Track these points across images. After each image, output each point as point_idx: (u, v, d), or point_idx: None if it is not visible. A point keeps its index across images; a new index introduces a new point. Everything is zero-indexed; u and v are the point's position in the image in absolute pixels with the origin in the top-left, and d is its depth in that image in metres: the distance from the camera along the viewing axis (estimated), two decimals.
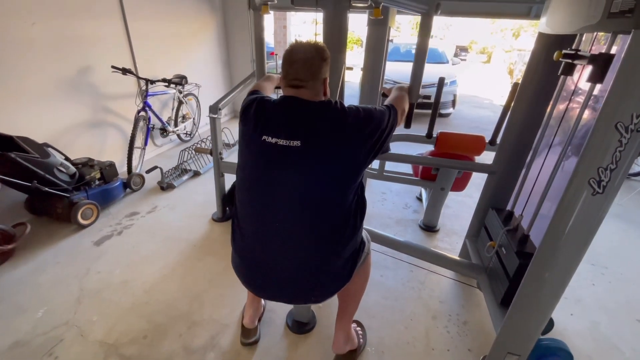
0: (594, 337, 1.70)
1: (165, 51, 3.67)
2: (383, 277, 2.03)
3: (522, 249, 1.40)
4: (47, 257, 2.08)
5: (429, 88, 5.84)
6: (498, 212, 1.71)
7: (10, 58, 2.24)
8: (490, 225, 1.73)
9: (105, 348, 1.53)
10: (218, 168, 2.42)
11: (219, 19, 4.51)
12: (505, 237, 1.50)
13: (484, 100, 8.19)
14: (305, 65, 1.02)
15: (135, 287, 1.88)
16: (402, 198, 3.02)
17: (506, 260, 1.46)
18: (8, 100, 2.27)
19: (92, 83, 2.86)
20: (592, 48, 1.31)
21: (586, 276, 2.11)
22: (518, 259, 1.35)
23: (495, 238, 1.62)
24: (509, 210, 1.71)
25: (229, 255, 2.14)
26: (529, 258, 1.17)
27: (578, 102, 1.34)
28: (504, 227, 1.54)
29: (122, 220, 2.50)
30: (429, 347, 1.60)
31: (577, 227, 1.01)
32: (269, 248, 1.06)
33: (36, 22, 2.35)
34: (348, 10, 1.34)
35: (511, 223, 1.57)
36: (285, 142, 0.97)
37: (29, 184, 2.05)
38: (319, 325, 1.68)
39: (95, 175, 2.52)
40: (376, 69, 2.40)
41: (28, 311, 1.70)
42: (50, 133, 2.56)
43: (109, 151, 3.12)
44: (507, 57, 16.55)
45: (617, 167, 0.89)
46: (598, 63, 1.01)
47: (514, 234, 1.51)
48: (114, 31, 3.00)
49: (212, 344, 1.57)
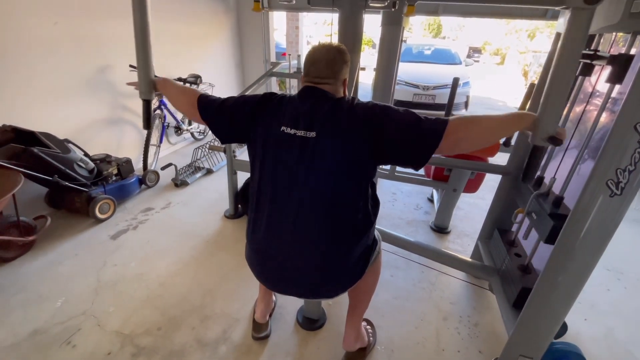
0: (608, 342, 1.67)
1: (181, 51, 3.74)
2: (394, 277, 2.03)
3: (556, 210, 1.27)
4: (65, 249, 2.15)
5: (440, 89, 5.80)
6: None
7: (33, 56, 2.32)
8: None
9: (121, 338, 1.57)
10: (231, 166, 2.46)
11: (233, 20, 4.57)
12: (535, 202, 1.41)
13: (498, 102, 8.09)
14: (327, 66, 1.05)
15: (150, 280, 1.93)
16: (413, 199, 3.01)
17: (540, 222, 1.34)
18: (31, 97, 2.35)
19: (111, 81, 2.93)
20: (611, 49, 1.29)
21: (601, 281, 2.08)
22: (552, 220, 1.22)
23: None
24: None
25: (241, 251, 2.18)
26: (562, 220, 1.08)
27: (596, 104, 1.33)
28: (533, 192, 1.43)
29: (138, 215, 2.56)
30: (439, 347, 1.59)
31: (594, 230, 1.00)
32: (282, 242, 1.08)
33: (58, 21, 2.43)
34: (364, 10, 1.36)
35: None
36: (303, 132, 0.99)
37: (50, 178, 2.12)
38: (329, 322, 1.70)
39: (113, 171, 2.59)
40: (389, 69, 2.40)
41: (47, 301, 1.76)
42: (71, 129, 2.64)
43: (125, 148, 3.20)
44: (521, 59, 16.28)
45: (636, 168, 0.88)
46: (618, 63, 1.00)
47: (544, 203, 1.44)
48: (133, 31, 3.07)
49: (224, 337, 1.60)
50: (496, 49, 24.46)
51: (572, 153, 1.40)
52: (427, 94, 5.81)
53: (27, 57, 2.28)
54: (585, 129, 1.34)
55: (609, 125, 1.16)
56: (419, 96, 5.85)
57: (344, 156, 0.99)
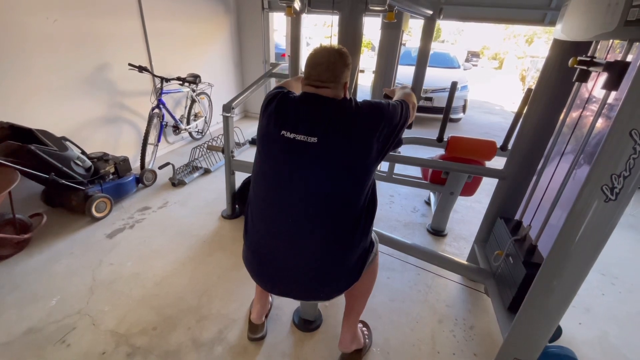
0: (602, 346, 1.68)
1: (180, 50, 3.73)
2: (390, 279, 2.04)
3: (529, 259, 1.39)
4: (61, 248, 2.14)
5: (439, 93, 5.83)
6: (506, 222, 1.70)
7: (32, 53, 2.31)
8: (498, 235, 1.72)
9: (116, 338, 1.56)
10: (229, 166, 2.46)
11: (232, 20, 4.57)
12: (512, 247, 1.50)
13: (495, 107, 8.13)
14: (328, 69, 1.05)
15: (146, 279, 1.92)
16: (410, 201, 3.02)
17: (513, 270, 1.45)
18: (29, 94, 2.34)
19: (109, 80, 2.92)
20: (608, 55, 1.31)
21: (596, 285, 2.09)
22: (525, 269, 1.35)
23: (502, 247, 1.62)
24: (517, 220, 1.71)
25: (237, 251, 2.18)
26: (536, 268, 1.17)
27: (592, 110, 1.34)
28: (511, 237, 1.54)
29: (134, 215, 2.55)
30: (434, 350, 1.60)
31: (588, 234, 1.01)
32: (280, 243, 1.08)
33: (57, 19, 2.43)
34: (364, 13, 1.37)
35: (519, 233, 1.57)
36: (303, 137, 1.00)
37: (47, 176, 2.11)
38: (325, 324, 1.70)
39: (110, 170, 2.58)
40: (388, 72, 2.42)
41: (42, 299, 1.74)
42: (68, 127, 2.63)
43: (123, 146, 3.19)
44: (519, 64, 16.39)
45: (631, 174, 0.89)
46: (614, 70, 1.01)
47: (522, 244, 1.50)
48: (132, 30, 3.07)
49: (220, 338, 1.59)
50: (494, 54, 24.62)
51: (568, 158, 1.42)
52: (425, 97, 5.84)
53: (25, 54, 2.27)
54: (581, 135, 1.35)
55: (604, 131, 1.18)
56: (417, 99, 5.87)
57: (347, 160, 1.00)
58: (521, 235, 1.54)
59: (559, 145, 1.53)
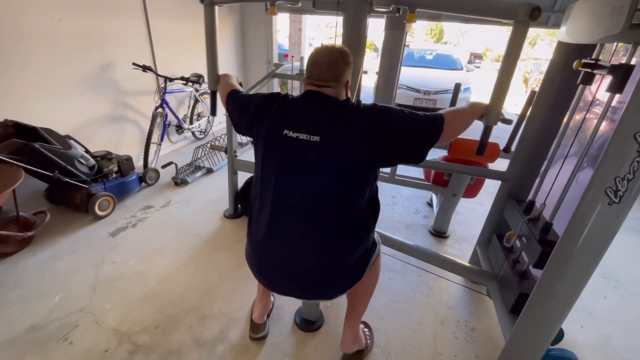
0: (604, 350, 1.68)
1: (184, 50, 3.74)
2: (392, 280, 2.04)
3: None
4: (64, 246, 2.15)
5: (441, 94, 5.83)
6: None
7: (38, 52, 2.33)
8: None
9: (119, 335, 1.57)
10: (232, 166, 2.47)
11: (236, 20, 4.58)
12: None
13: None
14: (329, 68, 1.05)
15: (148, 278, 1.93)
16: (412, 203, 3.02)
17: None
18: (34, 93, 2.36)
19: (113, 79, 2.94)
20: (612, 58, 1.30)
21: (598, 289, 2.08)
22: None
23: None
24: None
25: (240, 251, 2.18)
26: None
27: (595, 113, 1.34)
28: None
29: (137, 213, 2.56)
30: (436, 351, 1.60)
31: (591, 237, 1.01)
32: (283, 242, 1.08)
33: (63, 18, 2.44)
34: (368, 14, 1.37)
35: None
36: (306, 136, 1.00)
37: (51, 174, 2.12)
38: (326, 324, 1.70)
39: (113, 168, 2.59)
40: (391, 73, 2.42)
41: (45, 297, 1.75)
42: (72, 126, 2.64)
43: (126, 145, 3.20)
44: (522, 66, 16.36)
45: (635, 177, 0.89)
46: (618, 73, 1.01)
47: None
48: (136, 29, 3.08)
49: (222, 337, 1.60)
50: (497, 56, 24.53)
51: (571, 161, 1.42)
52: (428, 99, 5.85)
53: (30, 53, 2.29)
54: (585, 137, 1.35)
55: (608, 133, 1.17)
56: (420, 100, 5.88)
57: (348, 159, 1.00)
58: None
59: (562, 148, 1.53)
